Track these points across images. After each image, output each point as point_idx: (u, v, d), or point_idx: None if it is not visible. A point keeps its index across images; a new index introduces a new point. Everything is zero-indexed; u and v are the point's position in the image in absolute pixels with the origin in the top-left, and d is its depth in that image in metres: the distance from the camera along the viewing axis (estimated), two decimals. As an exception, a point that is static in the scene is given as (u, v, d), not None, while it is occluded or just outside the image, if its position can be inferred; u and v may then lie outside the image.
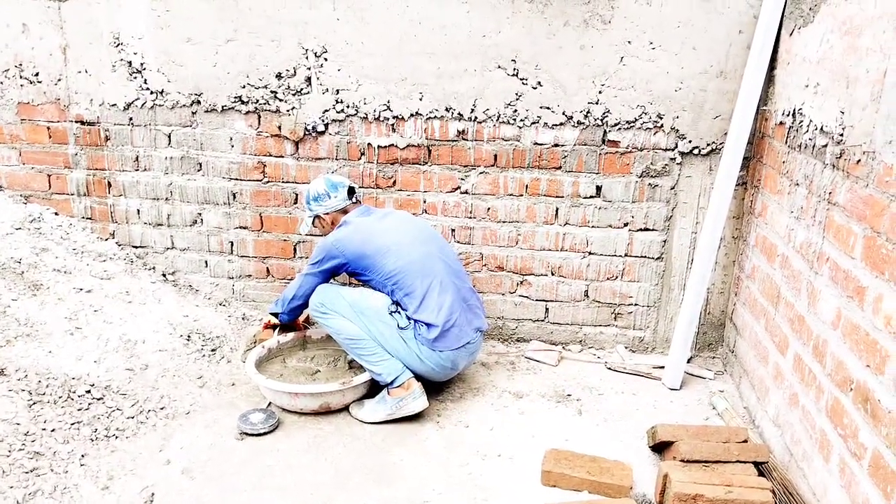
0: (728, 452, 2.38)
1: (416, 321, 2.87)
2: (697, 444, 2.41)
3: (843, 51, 2.24)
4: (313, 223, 3.23)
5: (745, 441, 2.48)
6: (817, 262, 2.33)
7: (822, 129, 2.36)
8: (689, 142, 3.19)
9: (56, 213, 3.79)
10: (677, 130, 3.18)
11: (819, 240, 2.33)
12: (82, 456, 2.46)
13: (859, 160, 2.05)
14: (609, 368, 3.38)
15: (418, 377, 2.89)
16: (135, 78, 3.46)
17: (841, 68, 2.24)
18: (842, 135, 2.18)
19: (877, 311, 1.90)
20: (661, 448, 2.60)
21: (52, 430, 2.50)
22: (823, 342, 2.24)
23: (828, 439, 2.16)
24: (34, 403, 2.55)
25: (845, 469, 2.02)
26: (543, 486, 2.48)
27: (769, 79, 2.96)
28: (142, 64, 3.43)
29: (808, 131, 2.49)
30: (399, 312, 2.89)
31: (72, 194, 3.77)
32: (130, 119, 3.55)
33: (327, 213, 3.16)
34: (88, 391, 2.74)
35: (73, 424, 2.57)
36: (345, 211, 3.15)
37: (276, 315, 3.27)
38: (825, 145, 2.32)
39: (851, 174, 2.11)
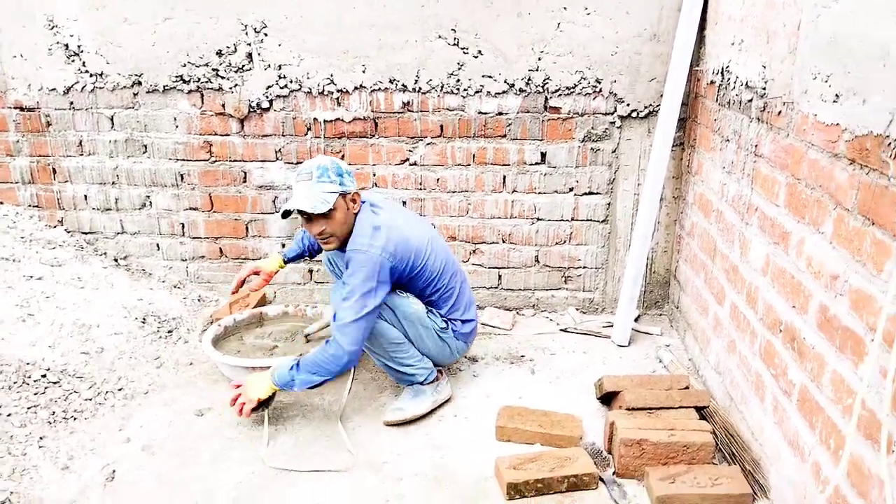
0: (671, 399, 2.49)
1: (451, 319, 2.81)
2: (642, 392, 2.52)
3: (763, 6, 2.33)
4: (331, 209, 2.52)
5: (687, 387, 2.60)
6: (747, 213, 2.44)
7: (747, 84, 2.46)
8: (628, 105, 3.27)
9: (1, 203, 3.73)
10: (615, 94, 3.26)
11: (748, 191, 2.43)
12: (40, 438, 2.47)
13: (780, 111, 2.15)
14: (561, 330, 3.48)
15: None
16: (72, 61, 3.42)
17: (762, 24, 2.33)
18: (764, 88, 2.28)
19: (800, 254, 2.00)
20: (608, 399, 2.70)
21: (9, 415, 2.50)
22: (755, 289, 2.35)
23: (762, 380, 2.28)
24: (-13, 390, 2.55)
25: (778, 406, 2.14)
26: (498, 440, 2.57)
27: (700, 40, 3.05)
28: (79, 46, 3.39)
29: (734, 87, 2.59)
30: (433, 313, 2.77)
31: (16, 182, 3.72)
32: (71, 103, 3.51)
33: (357, 194, 2.65)
34: (44, 375, 2.73)
35: (29, 408, 2.57)
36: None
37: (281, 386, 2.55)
38: (750, 100, 2.41)
39: (774, 125, 2.21)
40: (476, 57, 3.25)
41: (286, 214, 2.56)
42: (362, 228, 2.58)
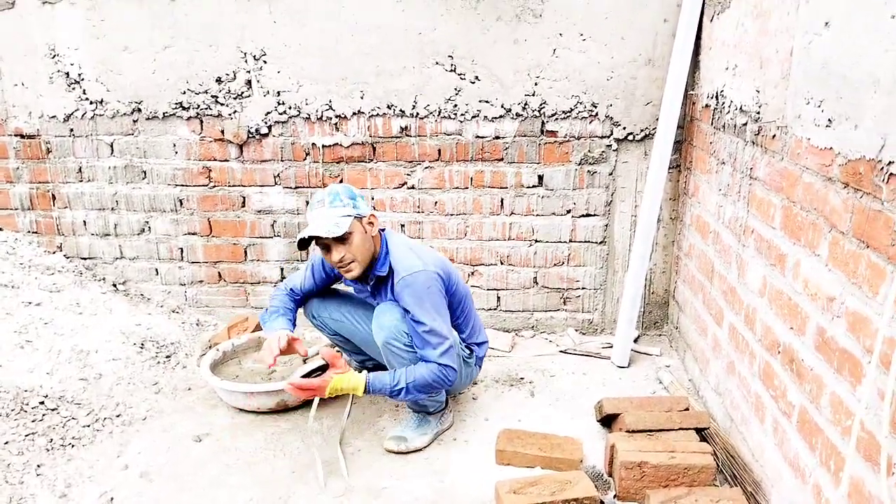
0: (671, 421, 2.49)
1: (470, 345, 2.80)
2: (642, 414, 2.52)
3: (756, 33, 2.36)
4: (348, 232, 2.45)
5: (687, 409, 2.60)
6: (744, 235, 2.46)
7: (741, 108, 2.48)
8: (624, 128, 3.30)
9: (0, 229, 3.74)
10: (612, 118, 3.29)
11: (744, 213, 2.45)
12: (38, 466, 2.46)
13: (774, 135, 2.18)
14: (561, 351, 3.48)
15: None
16: (73, 89, 3.45)
17: (755, 49, 2.36)
18: (758, 112, 2.31)
19: (796, 276, 2.02)
20: (608, 421, 2.70)
21: (6, 443, 2.49)
22: (753, 310, 2.36)
23: (762, 402, 2.28)
24: (-15, 418, 2.54)
25: (778, 428, 2.14)
26: (498, 465, 2.56)
27: (695, 64, 3.09)
28: (79, 74, 3.42)
29: (729, 111, 2.62)
30: (461, 343, 2.77)
31: (15, 209, 3.73)
32: (71, 130, 3.53)
33: (374, 216, 2.59)
34: (42, 402, 2.73)
35: (27, 436, 2.56)
36: None
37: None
38: (745, 123, 2.44)
39: (769, 149, 2.23)
40: (473, 82, 3.28)
41: (303, 245, 2.52)
42: (400, 251, 2.56)
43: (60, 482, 2.42)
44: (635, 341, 3.49)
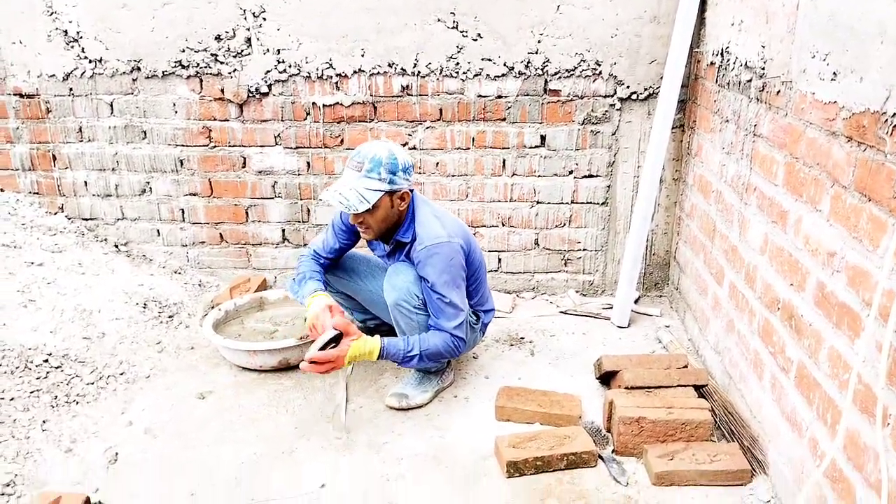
0: (669, 378, 2.50)
1: (477, 311, 2.78)
2: (640, 371, 2.54)
3: (762, -13, 2.32)
4: (374, 205, 2.41)
5: (686, 367, 2.61)
6: (746, 193, 2.45)
7: (746, 64, 2.45)
8: (627, 87, 3.27)
9: (1, 190, 3.74)
10: (615, 77, 3.26)
11: (747, 171, 2.44)
12: (43, 422, 2.49)
13: (779, 91, 2.15)
14: (561, 312, 3.49)
15: None
16: (72, 47, 3.41)
17: (761, 4, 2.32)
18: (763, 68, 2.28)
19: (797, 232, 2.01)
20: (607, 379, 2.72)
21: (11, 399, 2.52)
22: (754, 268, 2.36)
23: (760, 358, 2.29)
24: (-9, 374, 2.57)
25: (776, 384, 2.15)
26: (497, 420, 2.59)
27: (700, 21, 3.04)
28: (78, 32, 3.38)
29: (734, 68, 2.59)
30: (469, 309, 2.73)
31: (16, 169, 3.72)
32: (70, 89, 3.50)
33: (407, 193, 2.52)
34: (46, 360, 2.75)
35: (32, 393, 2.59)
36: None
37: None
38: (749, 80, 2.41)
39: (773, 105, 2.21)
40: (475, 40, 3.24)
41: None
42: (426, 218, 2.54)
43: (66, 437, 2.45)
44: (636, 302, 3.50)
